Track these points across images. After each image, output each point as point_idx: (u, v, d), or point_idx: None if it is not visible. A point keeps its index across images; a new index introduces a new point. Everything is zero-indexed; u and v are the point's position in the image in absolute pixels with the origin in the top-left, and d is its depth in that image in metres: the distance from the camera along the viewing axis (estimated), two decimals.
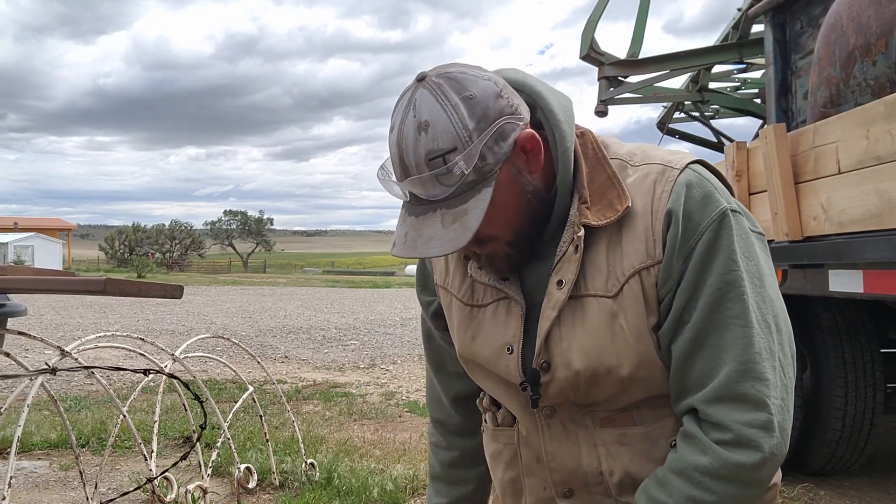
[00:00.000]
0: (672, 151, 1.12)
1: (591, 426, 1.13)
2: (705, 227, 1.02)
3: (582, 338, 1.07)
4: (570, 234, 1.07)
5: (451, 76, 1.00)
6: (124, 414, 2.99)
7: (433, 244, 0.99)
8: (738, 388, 0.99)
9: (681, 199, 1.03)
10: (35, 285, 2.45)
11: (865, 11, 2.94)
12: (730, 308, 1.00)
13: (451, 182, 0.98)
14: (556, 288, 1.07)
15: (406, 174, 0.99)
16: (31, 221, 57.92)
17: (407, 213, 1.03)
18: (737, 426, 0.98)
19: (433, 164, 0.97)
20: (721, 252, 1.01)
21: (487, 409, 1.29)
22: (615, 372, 1.06)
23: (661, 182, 1.05)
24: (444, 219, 1.00)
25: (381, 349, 9.88)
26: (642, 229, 1.04)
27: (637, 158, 1.11)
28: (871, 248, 2.61)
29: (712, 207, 1.03)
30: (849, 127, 2.73)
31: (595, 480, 1.15)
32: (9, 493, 2.38)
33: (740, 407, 0.99)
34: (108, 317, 14.68)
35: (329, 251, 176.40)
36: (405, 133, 0.98)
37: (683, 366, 1.04)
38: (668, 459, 1.06)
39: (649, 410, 1.11)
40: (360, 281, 37.58)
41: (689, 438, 1.03)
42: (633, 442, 1.12)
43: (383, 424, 5.32)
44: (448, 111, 0.97)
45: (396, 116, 1.01)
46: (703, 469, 0.99)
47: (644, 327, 1.05)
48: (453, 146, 0.96)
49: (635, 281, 1.04)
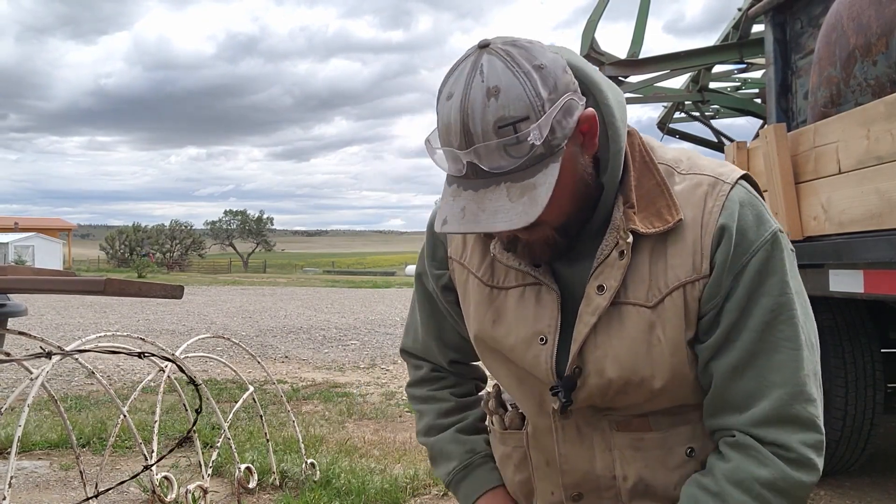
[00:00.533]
0: (720, 163, 1.09)
1: (606, 429, 1.12)
2: (758, 246, 1.01)
3: (618, 347, 1.04)
4: (615, 238, 1.03)
5: (519, 44, 0.94)
6: (125, 414, 2.99)
7: (500, 218, 0.92)
8: (792, 411, 1.00)
9: (734, 215, 1.01)
10: (35, 285, 2.45)
11: (866, 11, 2.94)
12: (781, 330, 1.00)
13: (520, 154, 0.91)
14: (597, 293, 1.04)
15: (470, 142, 0.92)
16: (31, 221, 57.96)
17: (461, 188, 0.96)
18: (797, 446, 1.00)
19: (502, 133, 0.90)
20: (774, 273, 1.01)
21: (493, 411, 1.26)
22: (647, 383, 1.05)
23: (712, 195, 1.03)
24: (511, 192, 0.93)
25: (382, 349, 9.88)
26: (690, 242, 1.02)
27: (684, 166, 1.08)
28: (872, 248, 2.61)
29: (765, 227, 1.02)
30: (849, 127, 2.73)
31: (607, 485, 1.13)
32: (9, 492, 2.38)
33: (795, 428, 1.00)
34: (109, 317, 14.68)
35: (329, 251, 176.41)
36: (472, 98, 0.91)
37: (727, 384, 1.03)
38: (721, 471, 1.03)
39: (666, 417, 1.10)
40: (361, 281, 37.59)
41: (747, 450, 1.02)
42: (649, 447, 1.10)
43: (383, 424, 5.32)
44: (521, 78, 0.91)
45: (457, 82, 0.93)
46: (763, 481, 0.99)
47: (681, 340, 1.04)
48: (525, 114, 0.90)
49: (678, 294, 1.02)
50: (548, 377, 1.09)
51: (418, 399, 1.36)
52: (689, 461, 1.11)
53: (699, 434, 1.11)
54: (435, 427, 1.32)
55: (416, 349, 1.36)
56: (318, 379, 7.48)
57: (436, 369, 1.35)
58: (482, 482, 1.27)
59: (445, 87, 0.95)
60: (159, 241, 58.10)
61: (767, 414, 1.00)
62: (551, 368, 1.08)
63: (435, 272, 1.24)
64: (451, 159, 0.95)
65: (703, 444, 1.11)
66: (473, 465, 1.28)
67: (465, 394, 1.34)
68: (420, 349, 1.35)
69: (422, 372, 1.36)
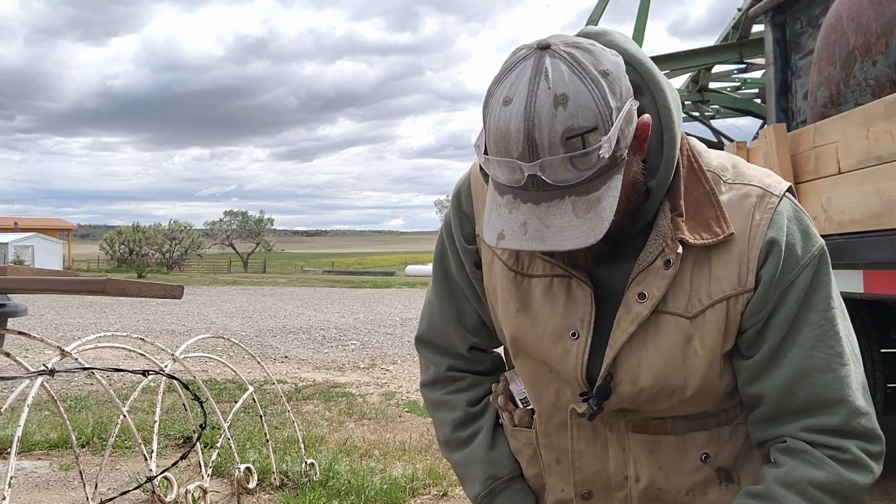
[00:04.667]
0: (766, 172, 1.07)
1: (623, 430, 1.10)
2: (806, 262, 1.00)
3: (653, 356, 1.01)
4: (660, 245, 0.99)
5: (583, 47, 0.88)
6: (124, 414, 2.99)
7: (567, 235, 0.87)
8: (850, 426, 0.99)
9: (782, 229, 1.00)
10: (35, 285, 2.45)
11: (865, 11, 2.94)
12: (831, 346, 1.00)
13: (586, 166, 0.86)
14: (637, 300, 1.00)
15: (535, 154, 0.85)
16: (31, 221, 57.94)
17: (518, 199, 0.89)
18: (854, 449, 0.99)
19: (570, 144, 0.84)
20: (821, 290, 1.00)
21: (504, 408, 1.22)
22: (678, 393, 1.03)
23: (760, 208, 1.01)
24: (576, 207, 0.87)
25: (382, 349, 9.88)
26: (737, 254, 1.00)
27: (730, 175, 1.05)
28: (872, 248, 2.61)
29: (812, 242, 1.01)
30: (849, 127, 2.73)
31: (618, 485, 1.12)
32: (9, 493, 2.38)
33: (854, 438, 1.00)
34: (108, 317, 14.68)
35: (330, 251, 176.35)
36: (538, 105, 0.84)
37: (778, 401, 1.02)
38: (773, 476, 1.01)
39: (683, 421, 1.09)
40: (361, 281, 37.58)
41: (800, 454, 1.00)
42: (664, 451, 1.09)
43: (383, 424, 5.32)
44: (589, 86, 0.85)
45: (519, 87, 0.86)
46: (817, 483, 0.98)
47: (718, 353, 1.02)
48: (594, 125, 0.84)
49: (721, 307, 1.00)
50: (577, 374, 1.05)
51: (432, 404, 1.31)
52: (702, 467, 1.10)
53: (715, 440, 1.10)
54: (453, 441, 1.27)
55: (433, 336, 1.28)
56: (318, 379, 7.48)
57: (451, 367, 1.28)
58: None
59: (500, 89, 0.89)
60: (157, 240, 58.09)
61: (825, 426, 1.00)
62: (582, 364, 1.04)
63: (466, 247, 1.18)
64: (508, 170, 0.88)
65: (717, 451, 1.10)
66: (495, 493, 1.22)
67: (479, 399, 1.27)
68: (437, 335, 1.28)
69: (437, 371, 1.29)
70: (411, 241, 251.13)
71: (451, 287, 1.23)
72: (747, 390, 1.05)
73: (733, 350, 1.05)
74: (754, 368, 1.02)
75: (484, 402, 1.28)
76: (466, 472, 1.25)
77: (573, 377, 1.06)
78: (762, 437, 1.07)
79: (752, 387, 1.04)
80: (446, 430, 1.27)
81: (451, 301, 1.24)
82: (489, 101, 0.90)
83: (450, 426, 1.26)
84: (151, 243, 58.05)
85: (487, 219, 0.93)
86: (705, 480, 1.10)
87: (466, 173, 1.21)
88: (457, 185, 1.20)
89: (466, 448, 1.25)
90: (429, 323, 1.28)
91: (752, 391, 1.04)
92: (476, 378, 1.29)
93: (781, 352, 1.01)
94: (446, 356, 1.28)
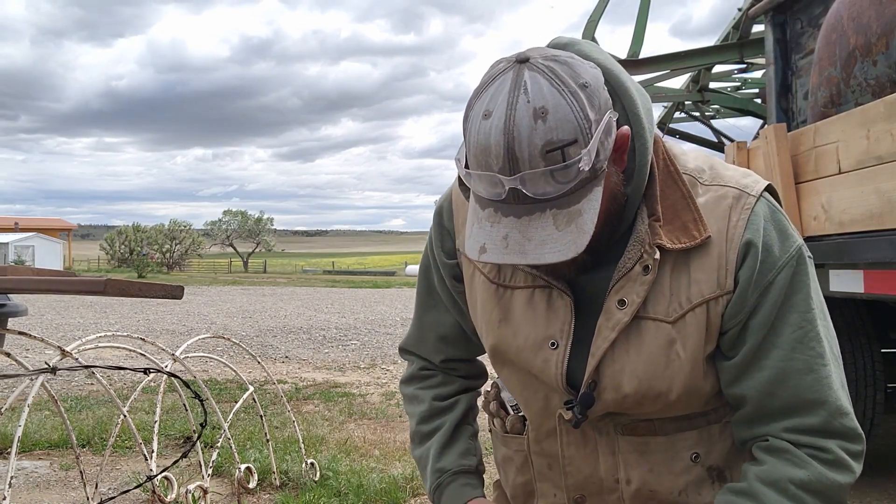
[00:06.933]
0: (744, 172, 1.07)
1: (612, 433, 1.10)
2: (784, 262, 1.00)
3: (636, 362, 1.02)
4: (638, 251, 0.99)
5: (561, 60, 0.88)
6: (125, 414, 2.99)
7: (549, 248, 0.88)
8: (831, 426, 0.99)
9: (759, 230, 1.00)
10: (36, 285, 2.45)
11: (866, 11, 2.94)
12: (812, 348, 1.00)
13: (566, 179, 0.86)
14: (617, 307, 1.01)
15: (515, 168, 0.86)
16: (32, 221, 57.97)
17: (499, 213, 0.90)
18: (836, 449, 0.99)
19: (550, 158, 0.85)
20: (800, 290, 1.00)
21: (495, 414, 1.23)
22: (663, 397, 1.04)
23: (736, 209, 1.01)
24: (558, 220, 0.88)
25: (382, 349, 9.88)
26: (715, 257, 1.00)
27: (706, 176, 1.05)
28: (872, 248, 2.61)
29: (790, 242, 1.01)
30: (849, 127, 2.73)
31: (610, 488, 1.12)
32: (9, 492, 2.38)
33: (835, 437, 1.00)
34: (109, 317, 14.68)
35: (330, 251, 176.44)
36: (517, 119, 0.84)
37: (759, 403, 1.02)
38: (754, 473, 1.02)
39: (672, 422, 1.09)
40: (361, 281, 37.58)
41: (781, 453, 1.01)
42: (654, 452, 1.09)
43: (383, 424, 5.32)
44: (567, 98, 0.85)
45: (498, 100, 0.86)
46: (798, 482, 0.98)
47: (700, 356, 1.03)
48: (574, 138, 0.85)
49: (701, 310, 1.00)
50: (557, 383, 1.06)
51: (405, 398, 1.35)
52: (693, 466, 1.10)
53: (705, 439, 1.11)
54: (416, 434, 1.30)
55: (409, 344, 1.33)
56: (318, 379, 7.48)
57: (425, 367, 1.32)
58: (452, 501, 1.23)
59: (479, 102, 0.89)
60: (157, 240, 58.07)
61: (806, 426, 1.00)
62: (561, 374, 1.05)
63: (446, 262, 1.20)
64: (489, 183, 0.88)
65: (708, 450, 1.11)
66: (443, 486, 1.24)
67: (446, 395, 1.30)
68: (412, 343, 1.32)
69: (412, 368, 1.34)
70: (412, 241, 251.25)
71: (433, 299, 1.26)
72: (730, 391, 1.06)
73: (715, 351, 1.05)
74: (736, 369, 1.03)
75: (452, 399, 1.30)
76: (423, 468, 1.27)
77: (555, 384, 1.07)
78: (745, 437, 1.07)
79: (734, 388, 1.04)
80: (413, 423, 1.31)
81: (430, 312, 1.27)
82: (469, 114, 0.90)
83: (416, 419, 1.29)
84: (152, 243, 58.04)
85: (469, 232, 0.93)
86: (697, 480, 1.10)
87: (448, 189, 1.23)
88: (438, 200, 1.22)
89: (425, 444, 1.27)
90: (409, 332, 1.34)
91: (735, 392, 1.05)
92: (447, 377, 1.32)
93: (762, 353, 1.01)
94: (422, 360, 1.33)
